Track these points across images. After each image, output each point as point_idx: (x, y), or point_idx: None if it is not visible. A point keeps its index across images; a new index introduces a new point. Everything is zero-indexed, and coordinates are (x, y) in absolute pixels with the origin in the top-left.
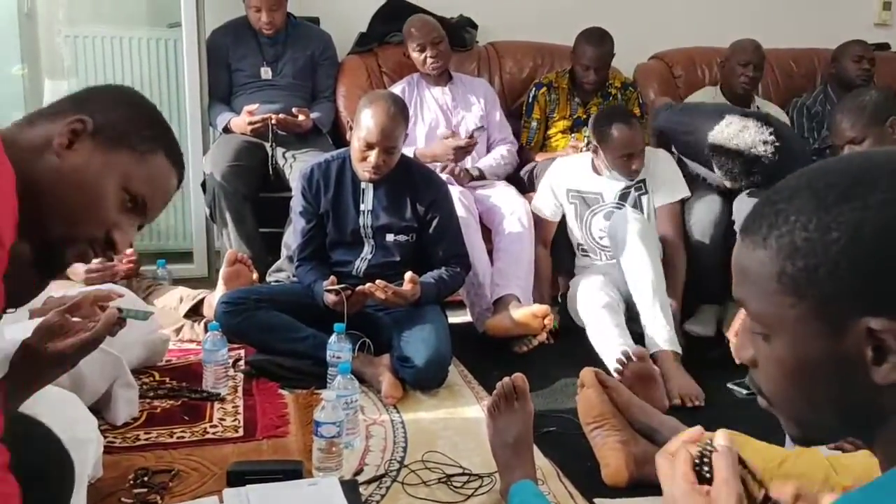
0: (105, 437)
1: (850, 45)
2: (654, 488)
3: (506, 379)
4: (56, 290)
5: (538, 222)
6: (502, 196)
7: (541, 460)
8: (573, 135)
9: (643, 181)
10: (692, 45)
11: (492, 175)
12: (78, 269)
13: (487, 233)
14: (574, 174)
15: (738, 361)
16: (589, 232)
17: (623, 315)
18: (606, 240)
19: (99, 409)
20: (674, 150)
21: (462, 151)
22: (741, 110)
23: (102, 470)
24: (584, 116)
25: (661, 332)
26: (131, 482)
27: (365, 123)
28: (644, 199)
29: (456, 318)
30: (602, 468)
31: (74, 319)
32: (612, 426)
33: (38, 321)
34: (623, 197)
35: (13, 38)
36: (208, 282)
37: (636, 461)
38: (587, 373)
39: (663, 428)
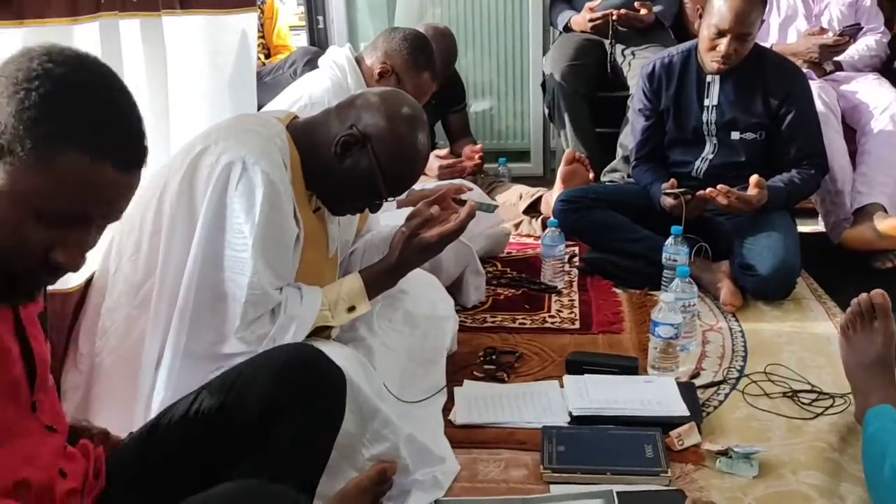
0: (458, 317)
1: None
2: None
3: (863, 295)
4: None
5: None
6: (871, 91)
7: None
8: None
9: None
10: None
11: (851, 68)
12: (432, 164)
13: (851, 134)
14: None
15: None
16: None
17: None
18: None
19: (452, 291)
20: None
21: (829, 50)
22: None
23: (457, 345)
24: None
25: None
26: (481, 358)
27: (717, 7)
28: None
29: (806, 227)
30: None
31: (437, 210)
32: None
33: (406, 210)
34: None
35: None
36: (544, 180)
37: None
38: None
39: None
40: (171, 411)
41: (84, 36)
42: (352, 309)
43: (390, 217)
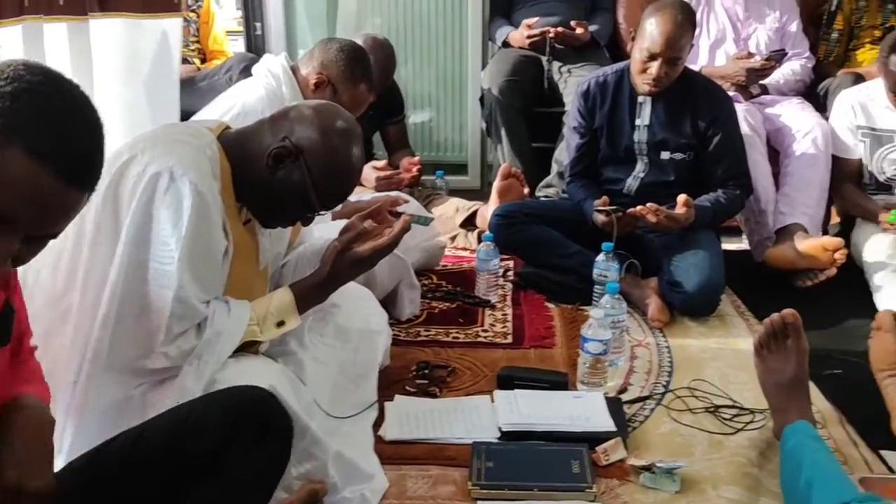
0: (391, 330)
1: None
2: None
3: (775, 315)
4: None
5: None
6: (795, 115)
7: (822, 403)
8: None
9: None
10: None
11: (776, 92)
12: (368, 176)
13: (775, 155)
14: (866, 108)
15: None
16: (881, 170)
17: None
18: None
19: (387, 304)
20: None
21: (755, 74)
22: None
23: (390, 359)
24: None
25: None
26: (414, 373)
27: (649, 32)
28: None
29: (731, 244)
30: (893, 420)
31: (372, 224)
32: None
33: (340, 222)
34: None
35: None
36: (481, 193)
37: None
38: (885, 315)
39: None
40: (114, 443)
41: (6, 39)
42: (281, 324)
43: (324, 229)
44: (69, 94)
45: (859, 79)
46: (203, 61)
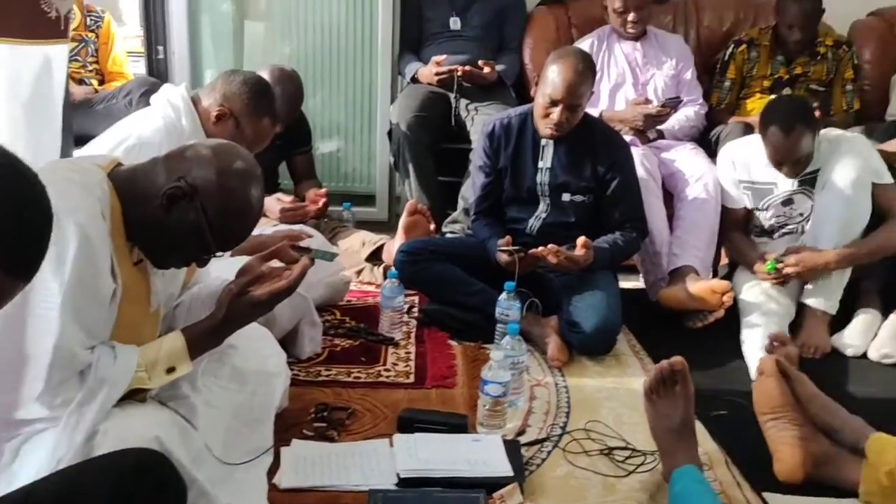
0: (290, 370)
1: None
2: (831, 490)
3: (664, 362)
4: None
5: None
6: (688, 160)
7: (708, 444)
8: (772, 97)
9: (817, 171)
10: None
11: (672, 137)
12: (273, 207)
13: (669, 198)
14: (745, 163)
15: None
16: (765, 218)
17: (784, 327)
18: (784, 219)
19: (287, 342)
20: None
21: (652, 119)
22: None
23: (288, 401)
24: (787, 77)
25: (822, 289)
26: (312, 415)
27: (551, 79)
28: (818, 190)
29: (628, 283)
30: (775, 462)
31: (272, 265)
32: (791, 420)
33: (239, 259)
34: (801, 183)
35: None
36: (388, 226)
37: (814, 460)
38: (768, 361)
39: (846, 428)
40: None
41: None
42: (172, 370)
43: (222, 267)
44: (25, 182)
45: (749, 127)
46: (101, 83)
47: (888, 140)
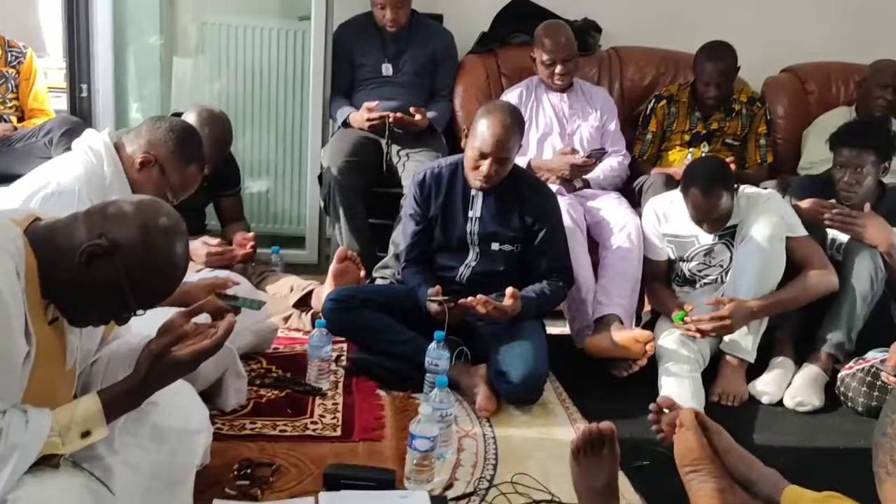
0: (214, 424)
1: None
2: None
3: (593, 425)
4: None
5: (649, 260)
6: (613, 210)
7: (631, 496)
8: (690, 150)
9: (736, 225)
10: (828, 59)
11: (597, 186)
12: (199, 251)
13: (595, 246)
14: (669, 217)
15: None
16: (687, 268)
17: (698, 373)
18: (706, 269)
19: (210, 394)
20: None
21: (578, 169)
22: None
23: (210, 457)
24: (704, 132)
25: (742, 341)
26: (235, 472)
27: (480, 133)
28: (737, 243)
29: (555, 328)
30: None
31: (196, 321)
32: (710, 472)
33: (163, 311)
34: (721, 236)
35: (154, 17)
36: (318, 269)
37: None
38: (687, 413)
39: (762, 481)
40: None
41: None
42: (87, 434)
43: (144, 320)
44: None
45: (670, 178)
46: (21, 119)
47: (803, 193)
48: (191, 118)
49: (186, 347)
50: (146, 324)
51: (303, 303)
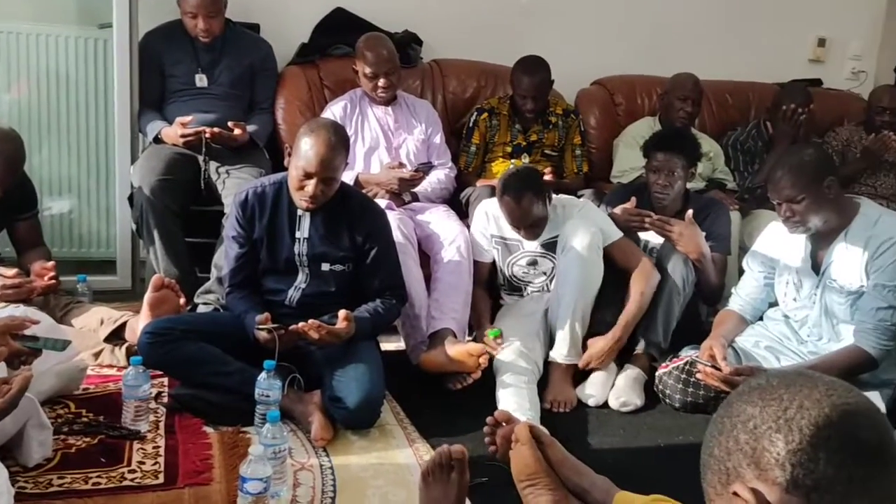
0: (16, 482)
1: (787, 92)
2: None
3: (445, 447)
4: None
5: (476, 263)
6: (442, 223)
7: None
8: (512, 161)
9: (556, 237)
10: (634, 72)
11: (425, 199)
12: None
13: (426, 259)
14: (498, 219)
15: None
16: (512, 274)
17: (534, 383)
18: (531, 277)
19: (10, 448)
20: None
21: (406, 183)
22: None
23: None
24: (525, 143)
25: (565, 344)
26: None
27: (304, 152)
28: (558, 253)
29: (390, 345)
30: None
31: None
32: (546, 485)
33: None
34: (544, 247)
35: None
36: (132, 294)
37: None
38: (521, 428)
39: (594, 489)
40: None
41: None
42: None
43: None
44: None
45: (495, 190)
46: None
47: (618, 201)
48: None
49: None
50: None
51: (116, 335)
